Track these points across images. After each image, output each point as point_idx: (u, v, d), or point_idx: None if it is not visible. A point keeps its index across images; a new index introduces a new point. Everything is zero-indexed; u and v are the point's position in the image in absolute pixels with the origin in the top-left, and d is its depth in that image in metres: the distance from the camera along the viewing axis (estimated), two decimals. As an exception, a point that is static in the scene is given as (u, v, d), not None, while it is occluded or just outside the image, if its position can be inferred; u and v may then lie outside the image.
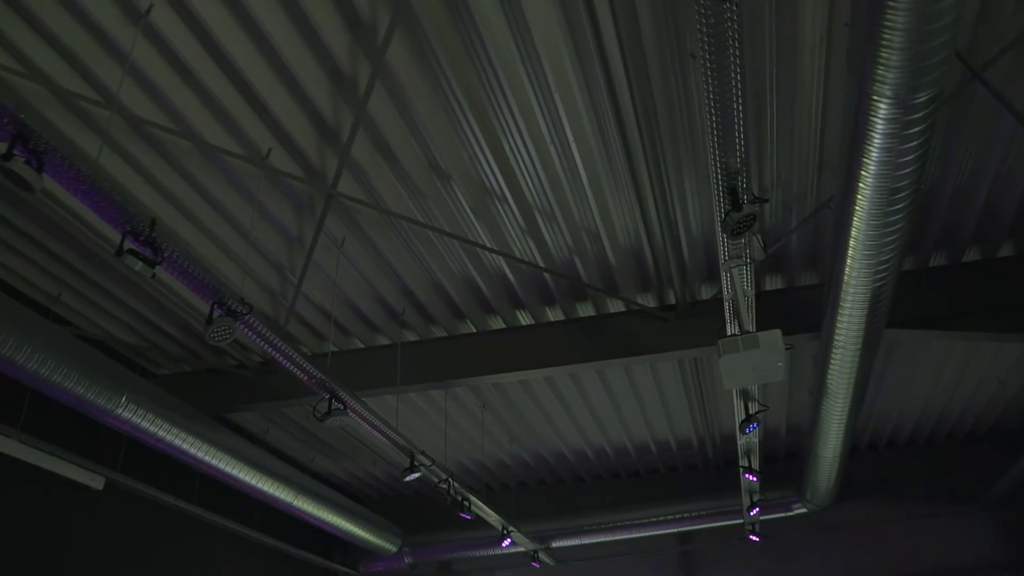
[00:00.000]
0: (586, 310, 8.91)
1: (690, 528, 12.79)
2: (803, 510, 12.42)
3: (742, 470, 10.37)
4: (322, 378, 7.01)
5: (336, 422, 7.31)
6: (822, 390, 8.21)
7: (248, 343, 9.12)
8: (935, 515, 12.70)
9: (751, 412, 9.02)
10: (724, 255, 6.18)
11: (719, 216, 5.48)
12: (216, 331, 5.77)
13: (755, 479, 10.51)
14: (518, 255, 7.90)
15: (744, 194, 5.35)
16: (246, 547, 11.70)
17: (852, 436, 9.41)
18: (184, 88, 5.88)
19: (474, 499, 10.20)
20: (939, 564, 12.45)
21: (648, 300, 8.70)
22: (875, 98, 4.25)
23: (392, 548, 12.78)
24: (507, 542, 11.73)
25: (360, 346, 9.46)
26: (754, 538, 12.45)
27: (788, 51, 5.72)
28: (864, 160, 4.77)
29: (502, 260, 7.94)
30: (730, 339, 7.12)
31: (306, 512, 10.38)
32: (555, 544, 12.98)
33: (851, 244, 5.66)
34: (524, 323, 9.09)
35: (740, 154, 5.06)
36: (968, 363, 10.45)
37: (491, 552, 13.02)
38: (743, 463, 10.32)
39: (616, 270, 8.17)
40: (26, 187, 4.37)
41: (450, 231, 7.46)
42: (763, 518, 12.28)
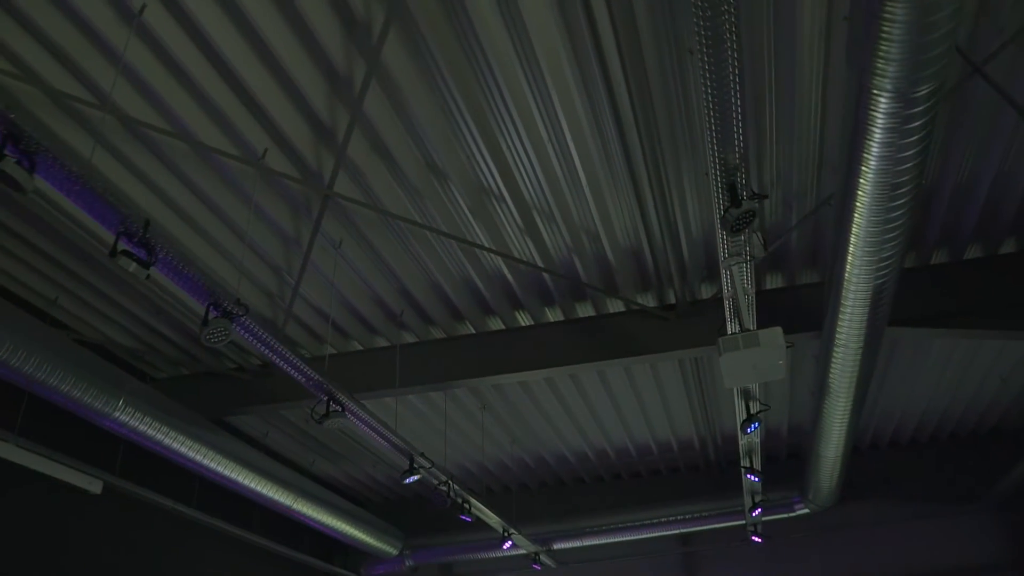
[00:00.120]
0: (586, 310, 8.87)
1: (692, 529, 12.75)
2: (805, 510, 12.37)
3: (744, 470, 10.34)
4: (320, 380, 6.97)
5: (334, 424, 7.31)
6: (824, 389, 8.16)
7: (246, 345, 9.09)
8: (938, 515, 12.66)
9: (752, 411, 8.97)
10: (724, 252, 6.13)
11: (718, 213, 5.44)
12: (212, 332, 5.75)
13: (757, 479, 10.48)
14: (517, 255, 7.86)
15: (743, 190, 5.32)
16: (245, 550, 11.65)
17: (854, 436, 9.37)
18: (178, 88, 5.84)
19: (474, 501, 10.16)
20: (942, 564, 12.40)
21: (648, 300, 8.65)
22: (875, 92, 4.21)
23: (393, 551, 12.77)
24: (508, 544, 11.69)
25: (359, 348, 9.42)
26: (756, 539, 12.40)
27: (787, 46, 5.68)
28: (864, 155, 4.73)
29: (501, 260, 7.89)
30: (730, 337, 7.07)
31: (306, 515, 10.36)
32: (556, 546, 12.95)
33: (852, 241, 5.61)
34: (523, 324, 9.05)
35: (739, 149, 5.03)
36: (971, 361, 10.40)
37: (492, 554, 13.00)
38: (745, 463, 10.28)
39: (616, 270, 8.12)
40: (17, 188, 4.35)
41: (448, 231, 7.41)
42: (765, 519, 12.22)
